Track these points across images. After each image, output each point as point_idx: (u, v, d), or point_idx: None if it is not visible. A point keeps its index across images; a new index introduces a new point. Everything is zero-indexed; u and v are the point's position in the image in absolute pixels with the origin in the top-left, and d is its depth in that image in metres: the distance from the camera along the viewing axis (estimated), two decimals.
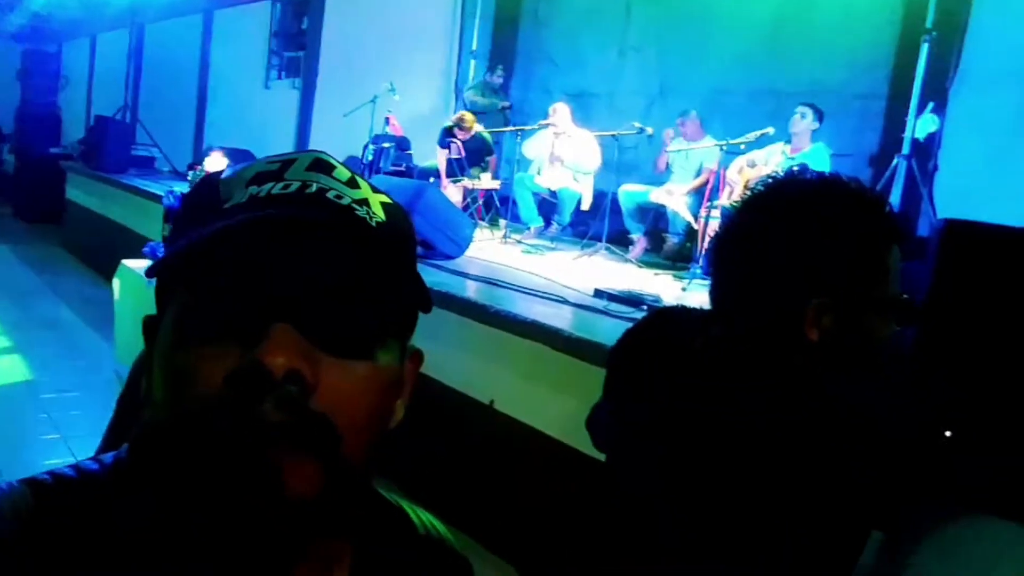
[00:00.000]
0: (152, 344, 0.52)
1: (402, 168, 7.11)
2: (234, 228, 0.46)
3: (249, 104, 10.09)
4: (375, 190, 0.55)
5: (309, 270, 0.47)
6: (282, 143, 8.13)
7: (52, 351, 5.50)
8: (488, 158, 7.36)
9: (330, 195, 0.51)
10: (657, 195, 6.23)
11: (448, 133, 7.39)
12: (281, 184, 0.51)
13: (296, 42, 10.12)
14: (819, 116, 5.31)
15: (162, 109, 11.38)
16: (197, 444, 0.46)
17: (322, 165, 0.54)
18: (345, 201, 0.51)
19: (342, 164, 0.56)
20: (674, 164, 6.40)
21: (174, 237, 0.52)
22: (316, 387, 0.46)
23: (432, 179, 6.86)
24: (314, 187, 0.51)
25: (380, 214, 0.53)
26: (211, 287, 0.47)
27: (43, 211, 11.04)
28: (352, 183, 0.54)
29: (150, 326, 0.53)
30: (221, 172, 0.55)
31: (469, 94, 8.20)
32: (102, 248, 8.00)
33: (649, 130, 6.21)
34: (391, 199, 0.57)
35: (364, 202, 0.53)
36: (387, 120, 7.32)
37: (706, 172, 6.01)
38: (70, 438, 4.03)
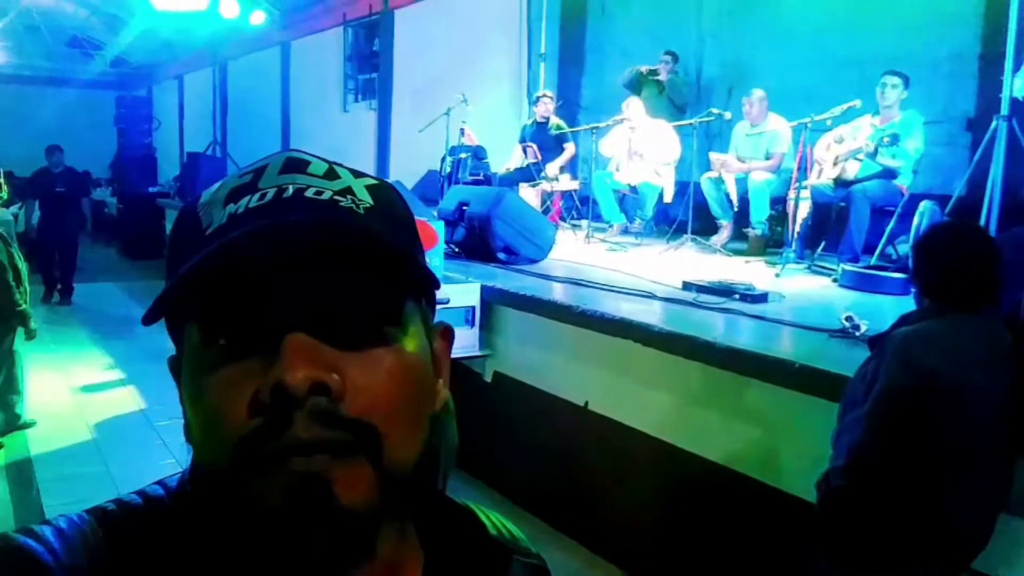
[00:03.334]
0: (180, 384, 0.52)
1: (480, 177, 7.15)
2: (215, 255, 0.45)
3: (330, 128, 10.37)
4: (357, 175, 0.54)
5: (306, 274, 0.46)
6: (363, 164, 8.30)
7: (162, 381, 5.67)
8: (566, 145, 7.29)
9: (309, 194, 0.50)
10: (714, 164, 6.01)
11: (523, 135, 7.40)
12: (257, 195, 0.50)
13: (369, 64, 10.35)
14: (906, 82, 5.06)
15: (249, 141, 11.82)
16: (241, 485, 0.45)
17: (295, 164, 0.52)
18: (326, 196, 0.50)
19: (318, 157, 0.54)
20: (740, 151, 6.11)
21: (168, 276, 0.51)
22: (344, 392, 0.45)
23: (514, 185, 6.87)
24: (290, 190, 0.50)
25: (367, 199, 0.52)
26: (212, 320, 0.47)
27: (146, 248, 11.61)
28: (331, 174, 0.52)
29: (174, 367, 0.53)
30: (200, 198, 0.54)
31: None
32: None
33: (727, 115, 6.04)
34: (378, 179, 0.55)
35: (347, 191, 0.51)
36: (462, 131, 7.39)
37: (776, 156, 5.82)
38: (185, 462, 4.17)
